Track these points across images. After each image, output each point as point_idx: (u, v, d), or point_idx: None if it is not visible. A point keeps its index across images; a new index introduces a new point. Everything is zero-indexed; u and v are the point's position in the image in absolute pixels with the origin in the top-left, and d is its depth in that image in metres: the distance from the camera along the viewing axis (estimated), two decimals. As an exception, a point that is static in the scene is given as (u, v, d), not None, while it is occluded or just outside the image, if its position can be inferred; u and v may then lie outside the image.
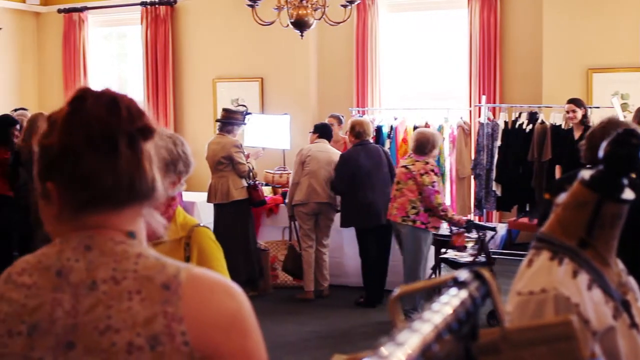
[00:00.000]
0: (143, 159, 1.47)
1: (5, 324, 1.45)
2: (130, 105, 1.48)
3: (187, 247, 2.81)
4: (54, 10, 12.72)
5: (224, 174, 8.11)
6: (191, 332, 1.40)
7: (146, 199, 1.50)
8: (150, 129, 1.49)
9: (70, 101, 1.48)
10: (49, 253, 1.48)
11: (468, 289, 1.21)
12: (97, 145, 1.44)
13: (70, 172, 1.45)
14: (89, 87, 1.50)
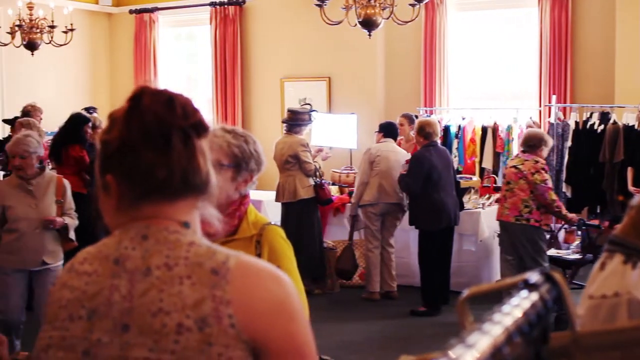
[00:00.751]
0: (196, 154, 1.54)
1: (67, 309, 1.54)
2: (186, 104, 1.55)
3: (258, 245, 2.84)
4: (126, 11, 12.96)
5: (291, 173, 8.16)
6: (238, 315, 1.45)
7: (200, 192, 1.57)
8: (203, 126, 1.56)
9: (130, 98, 1.56)
10: (108, 243, 1.57)
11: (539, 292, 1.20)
12: (153, 140, 1.51)
13: (127, 166, 1.53)
14: (148, 86, 1.57)
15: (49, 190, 5.78)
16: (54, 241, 5.80)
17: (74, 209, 5.98)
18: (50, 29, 9.58)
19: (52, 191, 5.80)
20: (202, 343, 1.43)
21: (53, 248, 5.80)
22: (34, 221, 5.66)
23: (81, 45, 12.28)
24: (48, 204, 5.75)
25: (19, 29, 9.52)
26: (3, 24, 9.67)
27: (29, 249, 5.68)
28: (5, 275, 5.68)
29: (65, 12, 9.81)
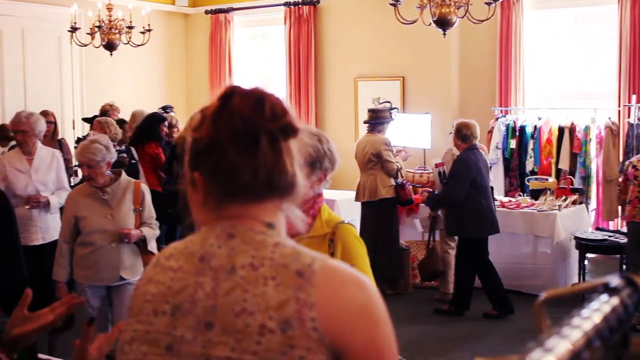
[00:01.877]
0: (283, 156, 1.53)
1: (151, 304, 1.55)
2: (275, 104, 1.54)
3: (331, 244, 2.85)
4: (202, 12, 13.13)
5: (373, 172, 8.14)
6: (321, 318, 1.44)
7: (286, 194, 1.57)
8: (292, 127, 1.55)
9: (220, 97, 1.56)
10: (194, 240, 1.58)
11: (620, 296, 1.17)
12: (240, 141, 1.51)
13: (214, 165, 1.53)
14: (238, 85, 1.57)
15: (126, 198, 5.31)
16: (132, 254, 5.36)
17: (155, 217, 5.52)
18: (129, 29, 9.76)
19: (129, 199, 5.32)
20: (284, 345, 1.43)
21: (132, 262, 5.35)
22: (109, 233, 5.23)
23: (158, 45, 12.48)
24: (125, 214, 5.29)
25: (98, 29, 9.71)
26: (83, 25, 9.88)
27: (105, 264, 5.27)
28: (82, 290, 5.28)
29: (143, 12, 9.98)
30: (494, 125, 10.24)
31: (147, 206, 5.42)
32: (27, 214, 6.25)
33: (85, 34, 9.85)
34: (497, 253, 7.99)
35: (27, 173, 6.36)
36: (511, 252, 8.43)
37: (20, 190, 6.30)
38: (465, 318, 7.62)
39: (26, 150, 6.41)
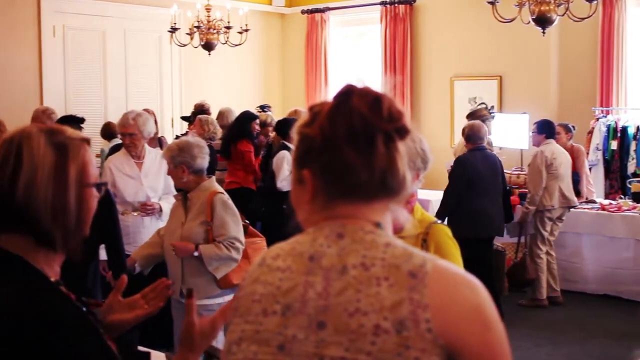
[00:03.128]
0: (397, 157, 1.53)
1: (260, 304, 1.55)
2: (391, 105, 1.54)
3: (424, 244, 2.83)
4: (298, 11, 13.21)
5: None
6: (435, 320, 1.43)
7: (395, 194, 1.56)
8: (406, 129, 1.55)
9: (337, 96, 1.55)
10: (302, 240, 1.57)
11: None
12: (356, 140, 1.50)
13: (327, 163, 1.52)
14: (354, 85, 1.56)
15: (201, 207, 4.77)
16: (198, 273, 4.75)
17: (234, 237, 4.73)
18: (226, 29, 9.90)
19: (202, 209, 4.76)
20: (399, 346, 1.41)
21: (196, 281, 4.70)
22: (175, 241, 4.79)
23: (255, 45, 12.62)
24: (193, 225, 4.75)
25: (197, 30, 9.89)
26: (183, 26, 10.07)
27: (170, 274, 4.83)
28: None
29: (241, 13, 10.11)
30: (595, 125, 9.97)
31: (219, 221, 4.73)
32: (137, 221, 5.85)
33: (185, 34, 10.05)
34: (596, 257, 7.82)
35: (137, 178, 5.91)
36: (611, 256, 8.21)
37: (130, 196, 5.86)
38: (564, 321, 7.46)
39: (135, 153, 5.96)
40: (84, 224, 1.85)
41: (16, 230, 1.78)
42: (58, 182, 1.77)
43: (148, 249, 4.99)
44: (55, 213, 1.76)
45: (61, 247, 1.81)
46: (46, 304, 1.70)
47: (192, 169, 4.76)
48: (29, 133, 1.81)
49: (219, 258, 4.70)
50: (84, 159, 1.84)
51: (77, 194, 1.81)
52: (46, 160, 1.77)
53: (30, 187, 1.74)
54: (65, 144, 1.82)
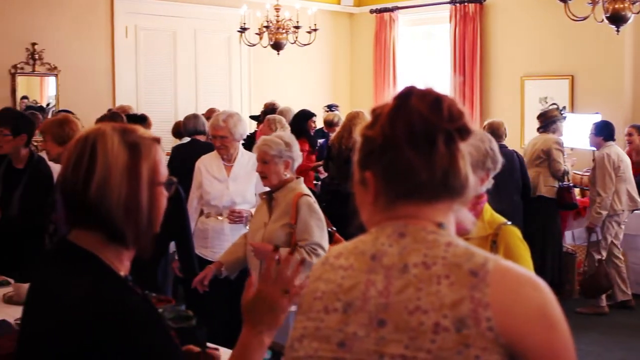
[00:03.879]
0: (458, 157, 1.52)
1: (322, 301, 1.57)
2: (452, 105, 1.53)
3: (493, 245, 2.80)
4: (367, 11, 13.21)
5: (538, 169, 7.99)
6: (496, 319, 1.42)
7: (458, 195, 1.55)
8: (467, 129, 1.54)
9: (397, 97, 1.56)
10: (364, 240, 1.58)
11: None
12: (417, 141, 1.50)
13: (388, 164, 1.53)
14: (415, 86, 1.56)
15: (286, 208, 4.53)
16: None
17: (317, 243, 4.42)
18: (295, 29, 9.94)
19: (287, 210, 4.51)
20: (459, 344, 1.41)
21: None
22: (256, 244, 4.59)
23: (323, 45, 12.64)
24: (276, 227, 4.53)
25: (266, 30, 9.96)
26: (252, 26, 10.15)
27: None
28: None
29: (309, 13, 10.14)
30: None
31: (303, 225, 4.45)
32: (218, 226, 5.61)
33: (254, 34, 10.12)
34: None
35: (225, 182, 5.64)
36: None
37: (215, 200, 5.63)
38: (635, 325, 7.30)
39: (226, 156, 5.68)
40: (154, 222, 1.89)
41: (88, 226, 1.83)
42: (131, 180, 1.82)
43: (235, 253, 4.87)
44: (127, 211, 1.81)
45: (132, 244, 1.85)
46: (115, 297, 1.75)
47: (292, 168, 4.60)
48: (103, 132, 1.85)
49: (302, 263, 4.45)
50: (155, 158, 1.88)
51: (149, 193, 1.85)
52: (119, 160, 1.81)
53: (103, 186, 1.79)
54: (138, 143, 1.86)
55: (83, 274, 1.77)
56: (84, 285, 1.74)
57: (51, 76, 9.95)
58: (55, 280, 1.80)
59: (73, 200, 1.82)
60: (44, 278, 1.85)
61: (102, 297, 1.72)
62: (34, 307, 1.85)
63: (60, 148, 5.12)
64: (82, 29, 10.15)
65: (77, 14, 10.08)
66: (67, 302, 1.72)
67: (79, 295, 1.72)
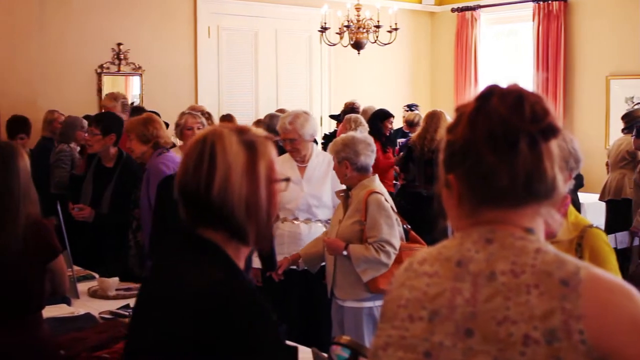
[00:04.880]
0: (543, 159, 1.46)
1: (406, 309, 1.52)
2: (536, 104, 1.47)
3: (578, 248, 2.73)
4: (448, 10, 13.10)
5: (623, 171, 7.81)
6: (589, 331, 1.36)
7: (545, 198, 1.49)
8: (553, 128, 1.48)
9: (478, 97, 1.51)
10: (449, 245, 1.54)
11: None
12: (497, 144, 1.45)
13: (469, 168, 1.49)
14: (498, 85, 1.52)
15: (358, 205, 4.60)
16: (349, 273, 4.59)
17: (386, 240, 4.49)
18: (376, 28, 9.92)
19: (358, 207, 4.59)
20: (550, 357, 1.36)
21: (346, 282, 4.63)
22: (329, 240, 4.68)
23: (404, 44, 12.58)
24: (349, 224, 4.61)
25: (347, 29, 9.96)
26: (333, 25, 10.17)
27: (326, 272, 4.81)
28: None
29: (390, 12, 10.10)
30: None
31: (372, 222, 4.52)
32: (295, 231, 5.39)
33: (335, 33, 10.14)
34: None
35: (299, 184, 5.37)
36: None
37: (289, 203, 5.36)
38: None
39: (298, 158, 5.47)
40: (272, 218, 1.94)
41: (210, 225, 1.88)
42: (250, 179, 1.86)
43: (314, 247, 4.92)
44: (248, 209, 1.86)
45: (253, 241, 1.90)
46: (245, 287, 1.81)
47: (355, 166, 4.61)
48: (220, 133, 1.90)
49: (367, 260, 4.47)
50: (270, 156, 1.93)
51: (267, 190, 1.90)
52: (239, 159, 1.86)
53: (225, 186, 1.83)
54: (254, 142, 1.90)
55: (215, 264, 1.83)
56: (218, 273, 1.80)
57: (136, 76, 10.16)
58: (187, 267, 1.84)
59: (196, 200, 1.87)
60: (173, 265, 1.90)
61: (235, 286, 1.79)
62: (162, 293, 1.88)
63: (144, 147, 5.22)
64: (166, 29, 10.33)
65: (161, 15, 10.26)
66: (202, 288, 1.77)
67: (214, 281, 1.78)
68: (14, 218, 3.30)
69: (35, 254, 3.37)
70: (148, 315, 1.92)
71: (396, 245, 4.53)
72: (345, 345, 2.52)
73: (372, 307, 4.61)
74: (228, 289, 1.77)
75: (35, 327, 3.46)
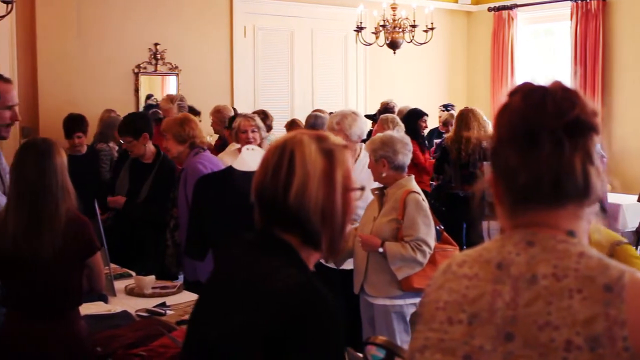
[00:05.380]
0: (571, 157, 1.43)
1: (445, 312, 1.50)
2: (563, 100, 1.44)
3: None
4: (485, 9, 13.01)
5: None
6: (633, 337, 1.33)
7: (581, 198, 1.46)
8: (582, 123, 1.44)
9: (508, 95, 1.51)
10: (489, 247, 1.52)
11: None
12: (517, 141, 1.45)
13: (498, 167, 1.49)
14: (528, 82, 1.51)
15: (394, 204, 4.63)
16: (381, 271, 4.61)
17: (423, 239, 4.53)
18: (412, 28, 9.89)
19: (395, 206, 4.62)
20: None
21: (378, 279, 4.65)
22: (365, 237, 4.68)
23: (440, 44, 12.53)
24: (384, 222, 4.64)
25: (382, 29, 9.95)
26: (368, 25, 10.15)
27: (354, 269, 4.84)
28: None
29: (426, 11, 10.06)
30: None
31: (410, 222, 4.55)
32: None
33: (370, 33, 10.12)
34: None
35: None
36: None
37: None
38: None
39: None
40: (346, 227, 1.96)
41: (285, 229, 1.90)
42: (327, 186, 1.89)
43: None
44: (324, 216, 1.88)
45: (325, 247, 1.93)
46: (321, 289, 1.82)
47: (392, 165, 4.67)
48: (300, 140, 1.92)
49: (403, 258, 4.51)
50: (347, 164, 1.95)
51: (343, 198, 1.92)
52: (317, 166, 1.88)
53: (302, 192, 1.86)
54: (333, 150, 1.93)
55: (290, 266, 1.85)
56: (295, 275, 1.81)
57: (172, 75, 10.22)
58: (269, 266, 1.86)
59: (272, 205, 1.90)
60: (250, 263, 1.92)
61: (312, 288, 1.80)
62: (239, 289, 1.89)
63: (180, 146, 5.27)
64: (202, 29, 10.38)
65: (198, 15, 10.31)
66: (287, 288, 1.78)
67: (298, 283, 1.79)
68: (53, 215, 3.35)
69: (73, 250, 3.41)
70: (218, 310, 1.92)
71: (432, 245, 4.59)
72: (380, 345, 2.52)
73: (403, 305, 4.64)
74: (310, 292, 1.79)
75: (73, 323, 3.50)
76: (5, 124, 4.02)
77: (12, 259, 3.38)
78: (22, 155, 3.45)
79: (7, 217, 3.40)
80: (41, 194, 3.35)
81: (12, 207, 3.41)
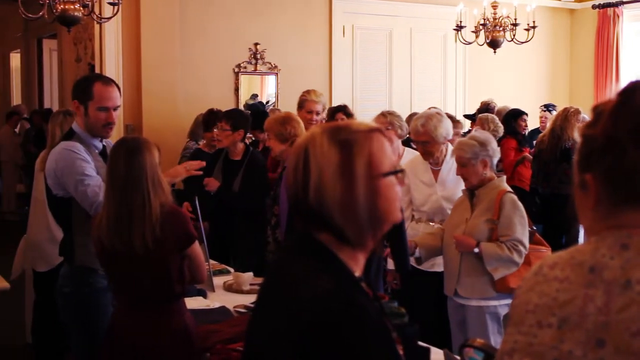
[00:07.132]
0: None
1: (534, 315, 1.46)
2: None
3: None
4: (589, 7, 12.70)
5: None
6: None
7: None
8: None
9: (621, 92, 1.44)
10: (583, 250, 1.46)
11: None
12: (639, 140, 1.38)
13: (610, 166, 1.41)
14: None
15: (489, 205, 4.60)
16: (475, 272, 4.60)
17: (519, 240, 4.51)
18: (513, 26, 9.74)
19: (489, 207, 4.58)
20: None
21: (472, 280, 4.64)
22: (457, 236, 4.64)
23: (541, 42, 12.28)
24: (478, 222, 4.60)
25: (483, 27, 9.83)
26: (468, 24, 10.04)
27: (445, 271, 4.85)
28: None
29: (528, 9, 9.89)
30: None
31: (507, 222, 4.53)
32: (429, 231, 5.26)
33: (470, 32, 10.01)
34: None
35: (432, 186, 5.38)
36: None
37: (423, 206, 5.41)
38: None
39: (431, 160, 5.40)
40: (379, 217, 1.84)
41: (317, 229, 1.84)
42: (345, 179, 1.79)
43: (433, 240, 4.89)
44: (344, 210, 1.79)
45: (356, 242, 1.83)
46: (351, 298, 1.72)
47: (491, 165, 4.66)
48: (312, 136, 1.87)
49: (500, 258, 4.48)
50: (371, 150, 1.83)
51: (368, 187, 1.81)
52: (330, 160, 1.80)
53: (319, 188, 1.79)
54: (349, 139, 1.83)
55: (325, 272, 1.77)
56: (325, 283, 1.73)
57: (271, 75, 10.33)
58: (301, 273, 1.80)
59: (299, 206, 1.86)
60: (288, 268, 1.86)
61: (340, 295, 1.71)
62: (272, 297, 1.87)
63: (282, 145, 5.34)
64: (302, 29, 10.45)
65: (297, 15, 10.39)
66: (306, 297, 1.71)
67: (319, 290, 1.71)
68: (143, 208, 3.46)
69: (172, 240, 3.51)
70: (261, 317, 1.91)
71: (527, 245, 4.56)
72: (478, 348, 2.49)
73: (497, 305, 4.61)
74: (337, 300, 1.69)
75: (179, 314, 3.60)
76: (101, 125, 4.18)
77: (110, 251, 3.53)
78: (113, 152, 3.62)
79: (102, 211, 3.58)
80: (129, 189, 3.47)
81: (105, 202, 3.58)
